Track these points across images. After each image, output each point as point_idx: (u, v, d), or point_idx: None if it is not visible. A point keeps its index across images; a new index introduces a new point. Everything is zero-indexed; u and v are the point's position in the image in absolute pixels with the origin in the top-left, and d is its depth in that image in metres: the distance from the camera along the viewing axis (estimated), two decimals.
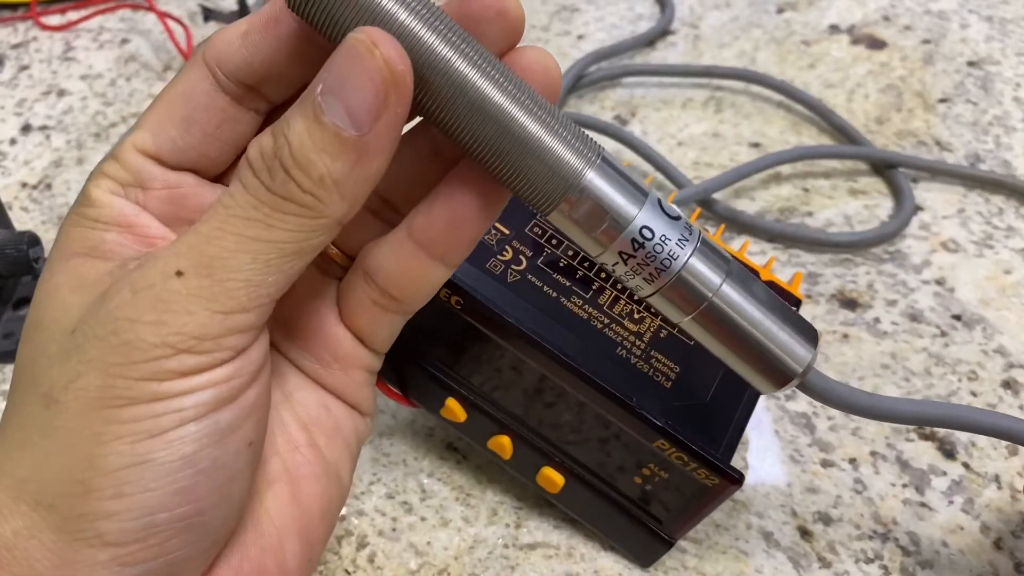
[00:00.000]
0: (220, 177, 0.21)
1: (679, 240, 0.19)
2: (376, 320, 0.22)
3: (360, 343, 0.23)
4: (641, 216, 0.19)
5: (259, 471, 0.21)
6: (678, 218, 0.19)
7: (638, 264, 0.19)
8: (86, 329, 0.17)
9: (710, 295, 0.19)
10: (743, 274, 0.20)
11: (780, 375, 0.21)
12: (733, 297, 0.20)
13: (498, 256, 0.27)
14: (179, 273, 0.17)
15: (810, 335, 0.21)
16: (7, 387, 0.35)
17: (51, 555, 0.17)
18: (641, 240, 0.19)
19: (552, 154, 0.18)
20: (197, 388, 0.17)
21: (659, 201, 0.19)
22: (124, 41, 0.54)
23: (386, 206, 0.22)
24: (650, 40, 0.53)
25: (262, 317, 0.18)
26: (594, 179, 0.18)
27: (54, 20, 0.55)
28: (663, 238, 0.19)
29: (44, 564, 0.17)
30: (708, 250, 0.20)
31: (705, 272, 0.19)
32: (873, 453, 0.33)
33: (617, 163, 0.19)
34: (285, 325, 0.22)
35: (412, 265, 0.21)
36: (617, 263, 0.19)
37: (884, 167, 0.44)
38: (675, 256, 0.19)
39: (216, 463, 0.18)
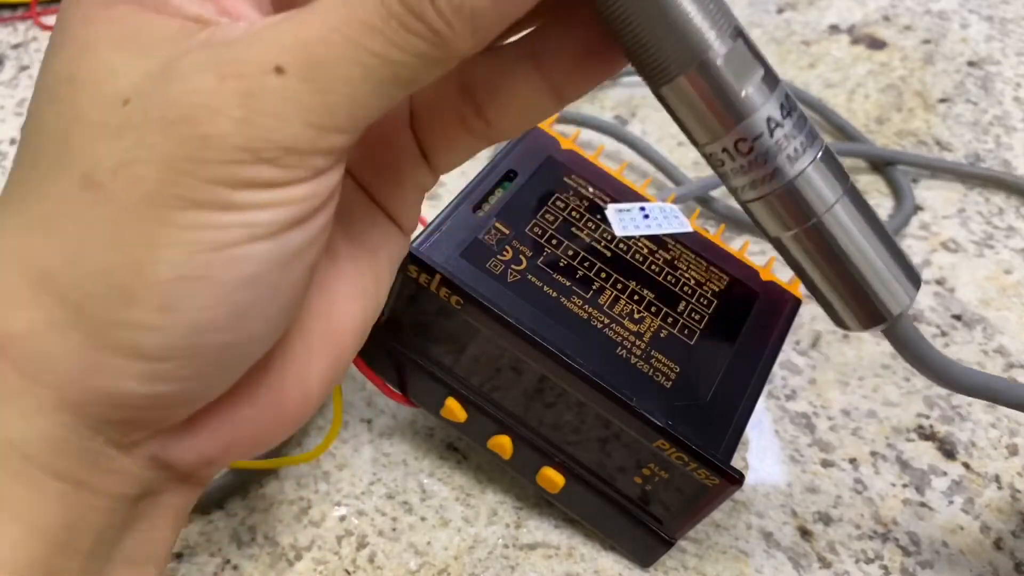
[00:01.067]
0: None
1: (802, 143, 0.17)
2: (455, 140, 0.20)
3: (423, 159, 0.20)
4: (770, 106, 0.17)
5: None
6: (804, 118, 0.17)
7: (752, 160, 0.17)
8: (148, 106, 0.15)
9: (822, 212, 0.18)
10: (859, 195, 0.18)
11: (874, 313, 0.19)
12: (844, 218, 0.18)
13: (498, 256, 0.27)
14: (279, 69, 0.14)
15: (914, 277, 0.19)
16: None
17: (72, 356, 0.15)
18: (763, 132, 0.17)
19: (683, 15, 0.16)
20: (271, 204, 0.15)
21: (787, 95, 0.17)
22: None
23: None
24: None
25: (353, 140, 0.16)
26: (723, 51, 0.16)
27: (54, 20, 0.55)
28: (787, 136, 0.17)
29: (63, 364, 0.16)
30: (830, 160, 0.18)
31: (822, 185, 0.17)
32: (873, 453, 0.33)
33: (752, 42, 0.17)
34: None
35: (525, 90, 0.18)
36: (727, 155, 0.17)
37: (883, 164, 0.44)
38: (796, 158, 0.17)
39: (275, 288, 0.16)
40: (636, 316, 0.27)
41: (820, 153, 0.17)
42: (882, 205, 0.43)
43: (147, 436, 0.17)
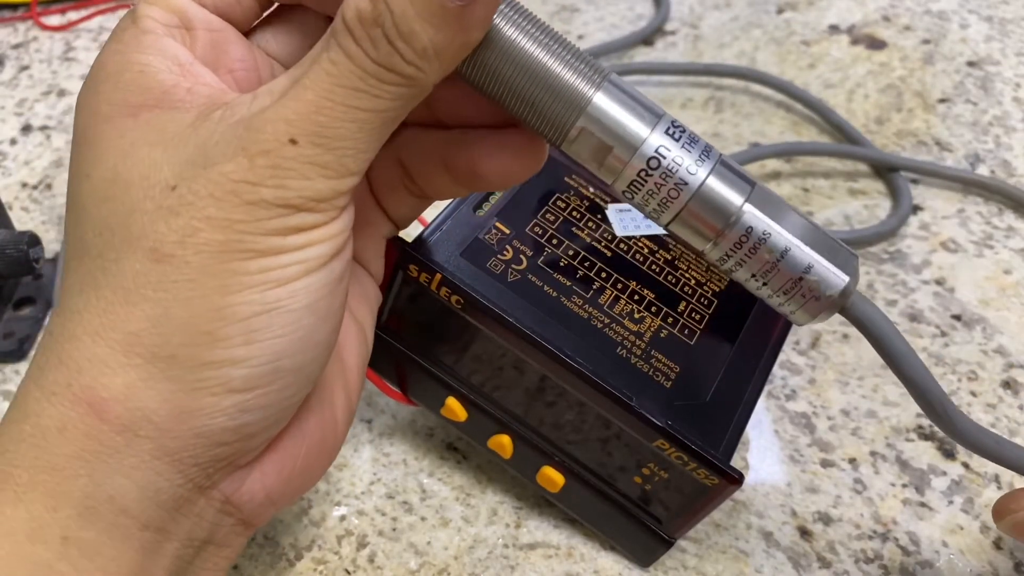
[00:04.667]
0: (246, 34, 0.21)
1: (698, 157, 0.18)
2: (403, 201, 0.24)
3: (383, 213, 0.24)
4: (656, 135, 0.18)
5: None
6: (695, 137, 0.19)
7: (656, 183, 0.18)
8: (196, 188, 0.17)
9: (735, 213, 0.19)
10: (768, 193, 0.19)
11: (817, 301, 0.19)
12: (759, 216, 0.19)
13: (498, 256, 0.27)
14: (293, 141, 0.17)
15: (848, 256, 0.20)
16: (8, 387, 0.35)
17: (168, 406, 0.18)
18: (658, 156, 0.18)
19: (555, 77, 0.18)
20: (317, 241, 0.18)
21: (673, 122, 0.19)
22: None
23: None
24: (644, 39, 0.53)
25: (362, 176, 0.19)
26: (602, 100, 0.18)
27: (54, 20, 0.55)
28: (681, 154, 0.18)
29: (160, 415, 0.18)
30: (729, 168, 0.19)
31: (726, 189, 0.18)
32: (873, 453, 0.33)
33: (626, 85, 0.19)
34: None
35: (440, 177, 0.22)
36: (635, 187, 0.19)
37: (885, 170, 0.44)
38: (694, 172, 0.18)
39: (329, 311, 0.19)
40: (636, 316, 0.27)
41: (717, 163, 0.19)
42: (882, 206, 0.43)
43: (225, 475, 0.20)
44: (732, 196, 0.19)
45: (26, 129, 0.47)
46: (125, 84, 0.19)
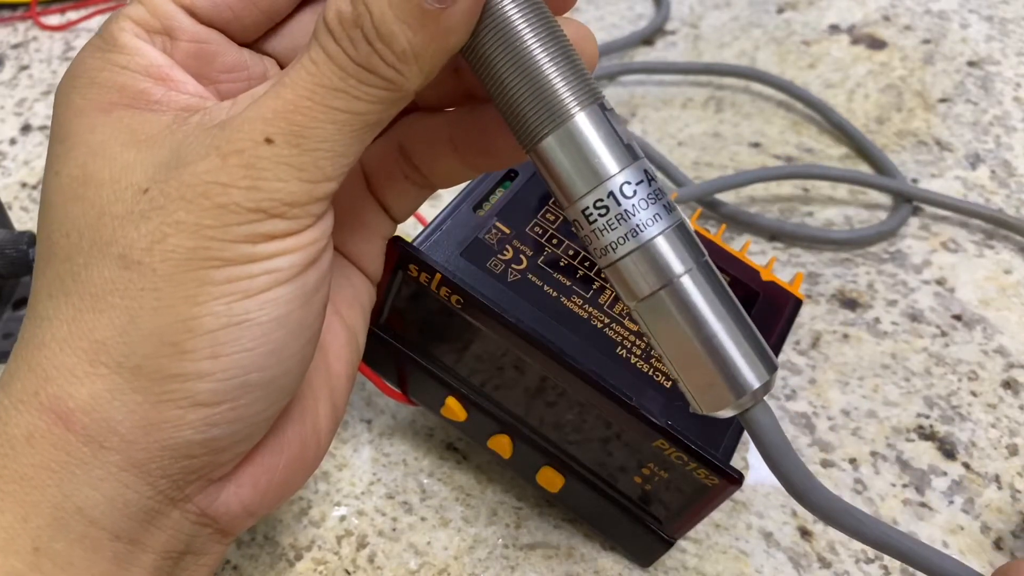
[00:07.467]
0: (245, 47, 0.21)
1: (656, 213, 0.18)
2: (405, 191, 0.23)
3: (383, 211, 0.23)
4: (621, 176, 0.18)
5: None
6: (661, 193, 0.18)
7: (606, 223, 0.18)
8: (167, 190, 0.17)
9: (669, 281, 0.18)
10: (713, 273, 0.18)
11: (716, 396, 0.18)
12: (690, 293, 0.18)
13: (499, 255, 0.27)
14: (268, 140, 0.17)
15: (768, 362, 0.18)
16: None
17: (134, 417, 0.17)
18: (615, 200, 0.18)
19: (545, 83, 0.18)
20: (288, 251, 0.18)
21: (646, 170, 0.18)
22: None
23: None
24: (644, 39, 0.53)
25: (339, 184, 0.18)
26: (583, 122, 0.18)
27: (54, 20, 0.55)
28: (640, 203, 0.18)
29: (126, 426, 0.17)
30: (682, 235, 0.18)
31: (671, 255, 0.18)
32: (873, 453, 0.33)
33: (614, 117, 0.18)
34: None
35: (447, 160, 0.22)
36: (586, 217, 0.18)
37: (904, 200, 0.42)
38: (647, 226, 0.18)
39: (302, 324, 0.19)
40: None
41: (673, 225, 0.18)
42: (880, 205, 0.43)
43: (198, 489, 0.19)
44: (674, 263, 0.18)
45: (26, 129, 0.47)
46: (101, 81, 0.18)
